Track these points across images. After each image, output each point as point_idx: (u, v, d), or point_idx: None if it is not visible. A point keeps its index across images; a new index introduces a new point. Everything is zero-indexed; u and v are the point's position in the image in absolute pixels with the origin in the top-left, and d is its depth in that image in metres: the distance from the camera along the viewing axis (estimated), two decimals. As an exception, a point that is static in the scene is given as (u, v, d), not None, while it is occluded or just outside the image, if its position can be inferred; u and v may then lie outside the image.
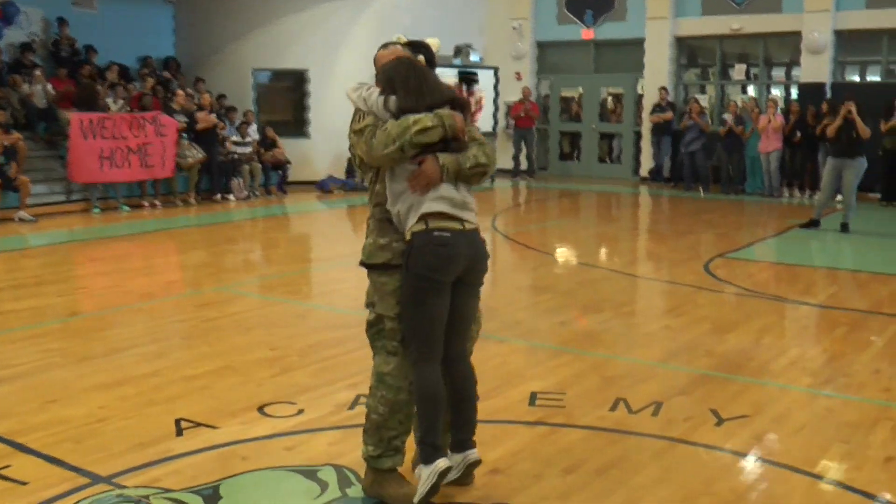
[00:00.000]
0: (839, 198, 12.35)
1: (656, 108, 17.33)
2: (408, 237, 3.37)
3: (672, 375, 5.33)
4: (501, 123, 18.59)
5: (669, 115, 17.11)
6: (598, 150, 19.38)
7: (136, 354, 5.65)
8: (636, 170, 18.62)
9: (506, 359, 5.60)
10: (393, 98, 3.32)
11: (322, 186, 15.99)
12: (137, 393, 4.90)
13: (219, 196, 14.24)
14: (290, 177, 15.61)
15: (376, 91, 3.36)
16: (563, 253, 10.26)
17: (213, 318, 6.64)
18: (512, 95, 18.55)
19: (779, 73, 17.87)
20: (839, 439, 4.33)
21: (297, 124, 16.55)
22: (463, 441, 3.54)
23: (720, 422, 4.54)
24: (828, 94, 15.69)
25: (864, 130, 10.97)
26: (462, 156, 3.37)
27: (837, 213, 12.15)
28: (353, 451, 4.04)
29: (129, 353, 5.68)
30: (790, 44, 16.82)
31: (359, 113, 3.43)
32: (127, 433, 4.30)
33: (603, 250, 10.48)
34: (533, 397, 4.86)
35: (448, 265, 3.37)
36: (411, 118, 3.27)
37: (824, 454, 4.14)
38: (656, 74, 17.77)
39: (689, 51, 18.28)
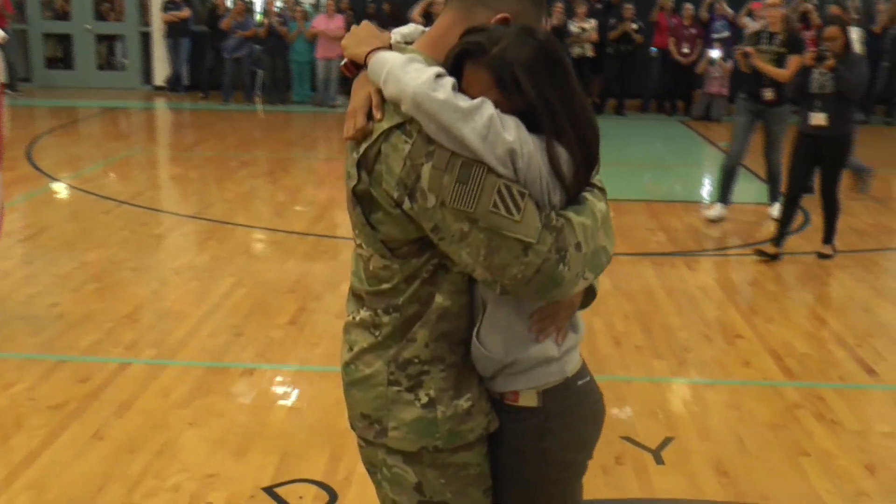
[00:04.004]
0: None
1: (170, 6, 15.47)
2: (526, 400, 1.92)
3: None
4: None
5: (186, 12, 15.42)
6: (95, 55, 16.91)
7: None
8: (147, 78, 16.68)
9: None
10: (565, 155, 1.78)
11: None
12: None
13: None
14: None
15: (520, 128, 1.74)
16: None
17: None
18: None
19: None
20: (799, 451, 3.84)
21: None
22: None
23: (659, 460, 3.75)
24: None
25: None
26: None
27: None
28: None
29: None
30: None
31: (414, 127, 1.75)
32: None
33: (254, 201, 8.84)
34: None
35: (600, 429, 2.04)
36: (593, 208, 1.83)
37: (832, 478, 3.60)
38: (166, -38, 15.79)
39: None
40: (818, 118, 6.25)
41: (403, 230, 1.81)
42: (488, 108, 1.71)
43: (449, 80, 1.74)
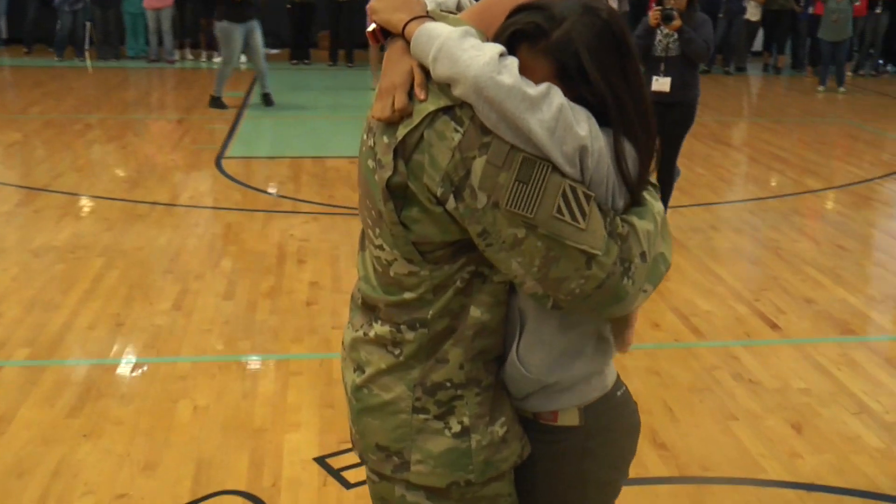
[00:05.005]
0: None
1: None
2: (566, 419, 1.67)
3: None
4: None
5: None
6: None
7: None
8: (-38, 34, 15.35)
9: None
10: (633, 153, 1.53)
11: None
12: None
13: None
14: None
15: (591, 121, 1.48)
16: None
17: None
18: None
19: None
20: (727, 415, 3.76)
21: None
22: None
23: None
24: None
25: None
26: None
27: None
28: None
29: None
30: None
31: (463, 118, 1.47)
32: None
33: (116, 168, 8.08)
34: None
35: (637, 443, 1.81)
36: (653, 210, 1.58)
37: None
38: None
39: None
40: (662, 83, 5.79)
41: (443, 231, 1.53)
42: (557, 97, 1.45)
43: (514, 62, 1.46)
